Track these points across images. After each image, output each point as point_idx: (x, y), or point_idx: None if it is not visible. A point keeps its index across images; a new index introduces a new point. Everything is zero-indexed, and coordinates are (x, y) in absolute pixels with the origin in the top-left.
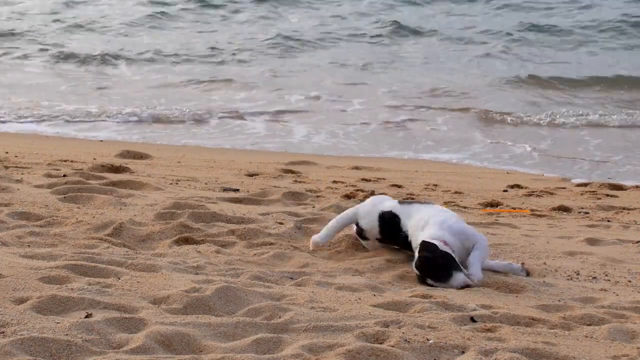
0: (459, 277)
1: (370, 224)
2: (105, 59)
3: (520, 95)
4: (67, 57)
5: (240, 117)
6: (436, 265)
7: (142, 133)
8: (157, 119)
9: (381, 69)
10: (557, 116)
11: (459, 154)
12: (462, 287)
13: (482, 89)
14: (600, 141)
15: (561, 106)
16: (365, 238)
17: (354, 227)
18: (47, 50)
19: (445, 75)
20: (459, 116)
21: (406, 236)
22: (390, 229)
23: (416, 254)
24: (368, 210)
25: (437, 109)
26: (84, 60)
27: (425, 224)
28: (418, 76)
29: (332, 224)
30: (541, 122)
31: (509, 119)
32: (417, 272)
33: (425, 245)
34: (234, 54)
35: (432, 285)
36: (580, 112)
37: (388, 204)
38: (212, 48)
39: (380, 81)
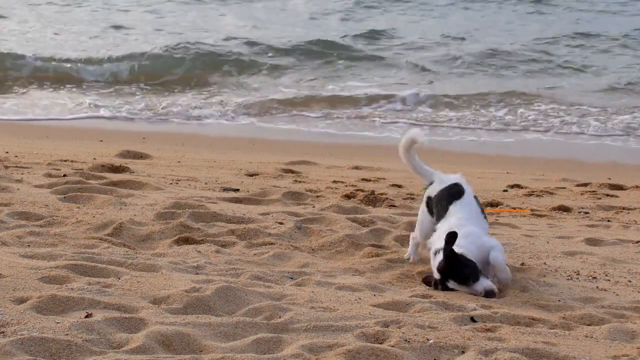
0: (485, 282)
1: None
2: None
3: None
4: None
5: None
6: (464, 267)
7: None
8: None
9: None
10: None
11: None
12: (487, 293)
13: None
14: None
15: None
16: None
17: None
18: None
19: None
20: None
21: None
22: None
23: (437, 258)
24: None
25: None
26: None
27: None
28: None
29: None
30: None
31: None
32: (439, 274)
33: (452, 250)
34: None
35: (447, 289)
36: None
37: None
38: None
39: None
